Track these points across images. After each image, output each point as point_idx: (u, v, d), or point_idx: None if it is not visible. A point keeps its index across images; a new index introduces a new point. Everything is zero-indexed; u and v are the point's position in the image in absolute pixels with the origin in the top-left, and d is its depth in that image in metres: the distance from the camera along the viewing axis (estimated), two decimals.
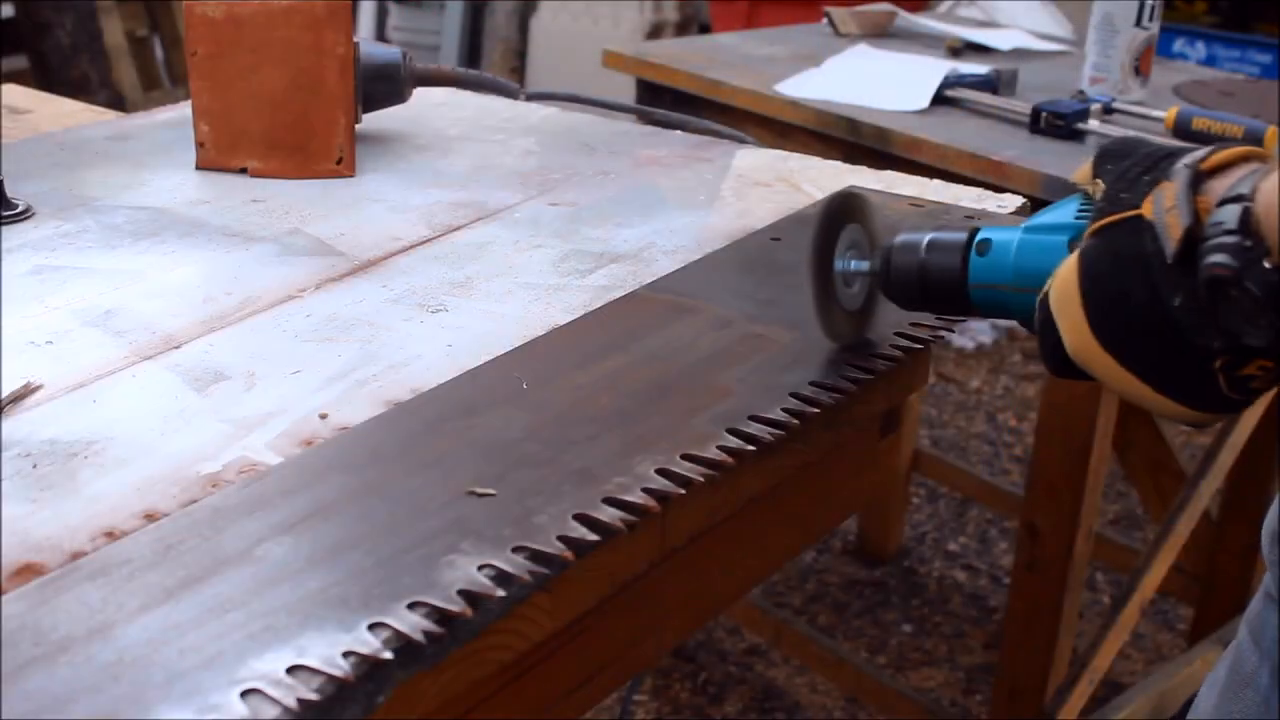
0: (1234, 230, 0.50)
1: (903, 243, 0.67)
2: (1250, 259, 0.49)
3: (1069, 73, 1.58)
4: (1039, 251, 0.62)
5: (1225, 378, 0.53)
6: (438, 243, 0.86)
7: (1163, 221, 0.53)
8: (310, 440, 0.60)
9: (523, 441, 0.59)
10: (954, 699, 1.88)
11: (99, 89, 3.43)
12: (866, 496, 0.85)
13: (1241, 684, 0.71)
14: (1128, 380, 0.56)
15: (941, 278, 0.66)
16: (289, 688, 0.43)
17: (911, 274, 0.66)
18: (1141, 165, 0.57)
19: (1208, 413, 0.56)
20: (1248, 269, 0.49)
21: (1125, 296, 0.54)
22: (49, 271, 0.79)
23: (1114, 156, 0.59)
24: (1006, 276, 0.63)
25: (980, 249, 0.64)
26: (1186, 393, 0.55)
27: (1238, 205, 0.50)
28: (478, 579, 0.49)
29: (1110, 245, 0.55)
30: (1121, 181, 0.57)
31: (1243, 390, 0.54)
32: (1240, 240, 0.49)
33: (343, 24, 0.97)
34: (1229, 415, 0.57)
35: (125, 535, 0.51)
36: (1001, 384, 2.88)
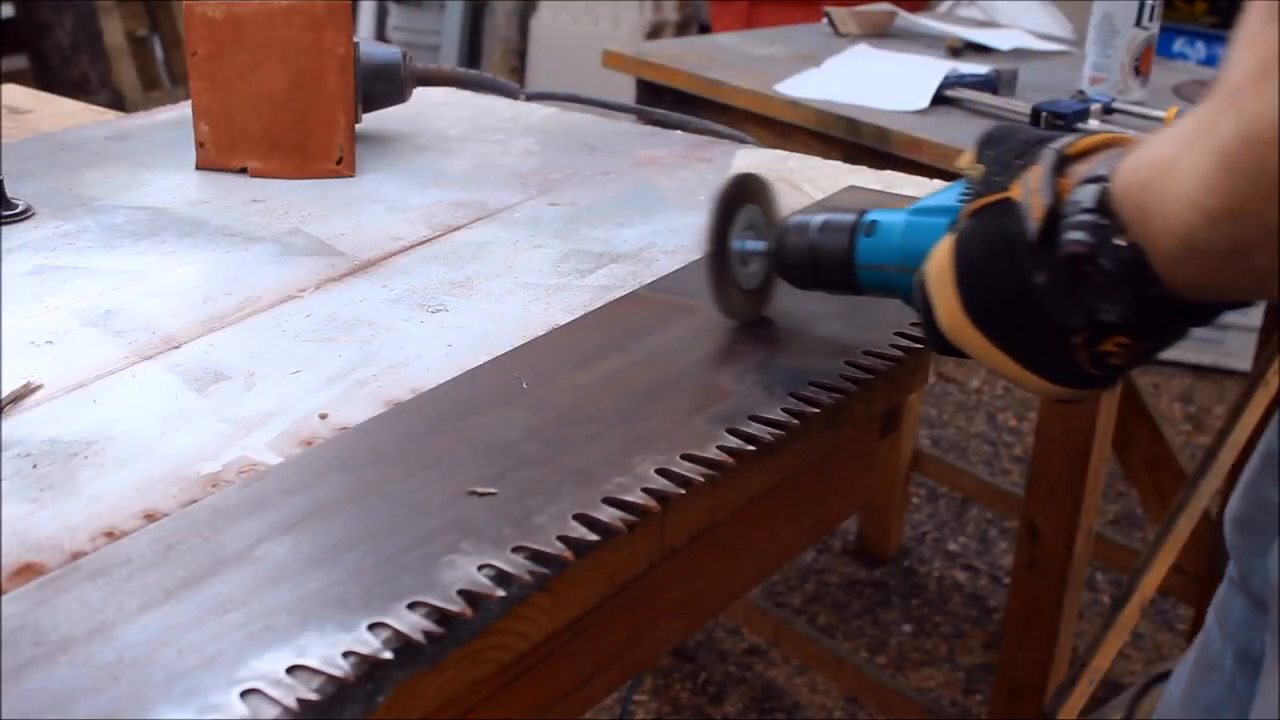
0: (1090, 209, 0.52)
1: (796, 224, 0.70)
2: (1105, 236, 0.51)
3: (1069, 73, 1.58)
4: (922, 233, 0.64)
5: (1086, 354, 0.56)
6: (438, 243, 0.86)
7: (1027, 203, 0.55)
8: (310, 440, 0.60)
9: (522, 441, 0.59)
10: (954, 699, 1.88)
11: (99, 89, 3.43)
12: (866, 496, 0.85)
13: (1208, 668, 0.72)
14: (998, 357, 0.58)
15: (831, 258, 0.68)
16: (289, 688, 0.43)
17: (803, 254, 0.69)
18: (1016, 150, 0.59)
19: (1072, 388, 0.58)
20: (1102, 246, 0.51)
21: (994, 275, 0.56)
22: (49, 271, 0.79)
23: (994, 142, 0.61)
24: (892, 257, 0.66)
25: (868, 230, 0.67)
26: (1051, 369, 0.57)
27: (1096, 185, 0.52)
28: (478, 579, 0.49)
29: (981, 226, 0.58)
30: (997, 166, 0.59)
31: (1103, 367, 0.56)
32: (1096, 219, 0.51)
33: (343, 24, 0.97)
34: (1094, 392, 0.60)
35: (125, 535, 0.51)
36: (1001, 384, 2.88)
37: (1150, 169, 0.49)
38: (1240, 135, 0.43)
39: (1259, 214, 0.43)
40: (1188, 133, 0.46)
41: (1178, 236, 0.47)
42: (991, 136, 0.62)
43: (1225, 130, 0.43)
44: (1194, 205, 0.45)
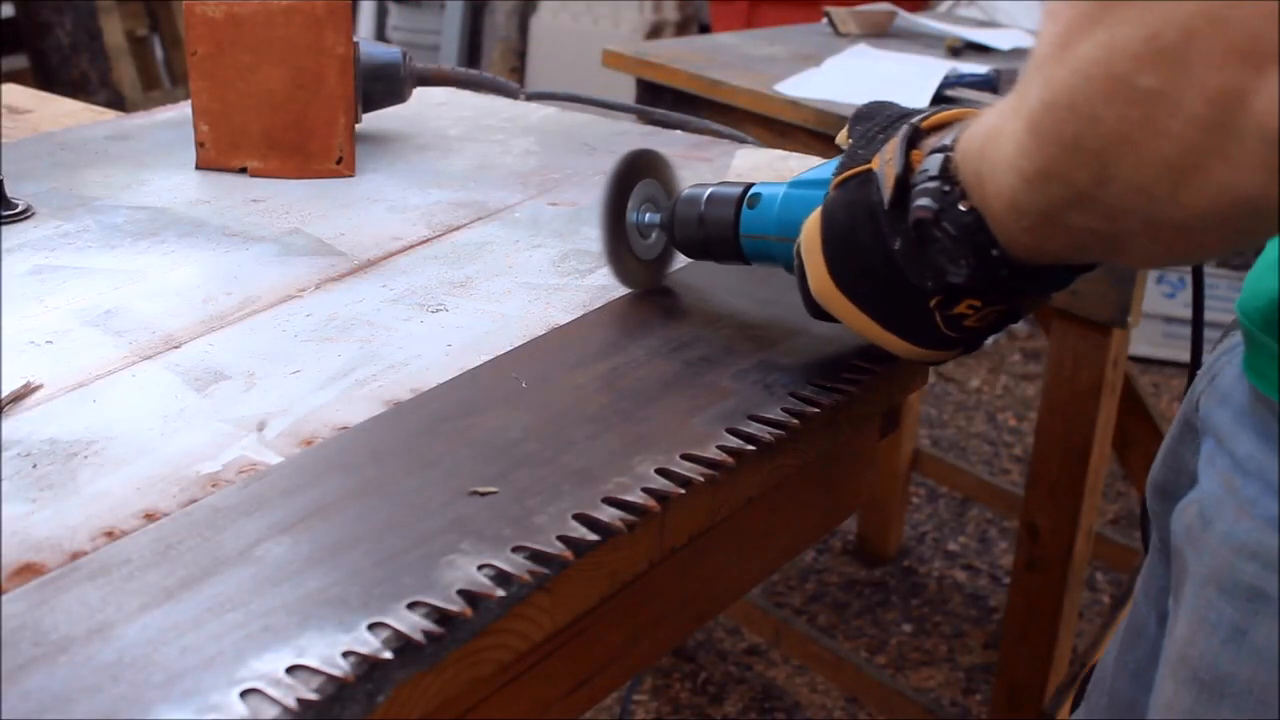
0: (935, 176, 0.55)
1: (687, 196, 0.73)
2: (948, 201, 0.54)
3: None
4: (799, 205, 0.67)
5: (941, 316, 0.59)
6: (438, 242, 0.86)
7: (882, 172, 0.58)
8: (310, 440, 0.60)
9: (522, 441, 0.59)
10: (954, 699, 1.88)
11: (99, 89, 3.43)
12: (866, 496, 0.85)
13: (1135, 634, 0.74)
14: (862, 320, 0.61)
15: (717, 228, 0.71)
16: (289, 688, 0.43)
17: (692, 225, 0.72)
18: (880, 125, 0.62)
19: (932, 350, 0.62)
20: (946, 211, 0.54)
21: (856, 242, 0.60)
22: (49, 271, 0.79)
23: (863, 119, 0.64)
24: (771, 228, 0.69)
25: (750, 203, 0.70)
26: (911, 331, 0.61)
27: (940, 155, 0.55)
28: (478, 579, 0.49)
29: (845, 196, 0.61)
30: (862, 140, 0.62)
31: (959, 329, 0.60)
32: (940, 185, 0.54)
33: (343, 24, 0.97)
34: (954, 353, 0.63)
35: (125, 535, 0.51)
36: (1001, 384, 2.88)
37: (983, 137, 0.52)
38: (1044, 101, 0.45)
39: (1064, 175, 0.45)
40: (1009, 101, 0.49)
41: (1003, 199, 0.50)
42: (861, 113, 0.65)
43: (1033, 97, 0.46)
44: (1013, 168, 0.48)
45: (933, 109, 0.60)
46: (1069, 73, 0.43)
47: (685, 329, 0.72)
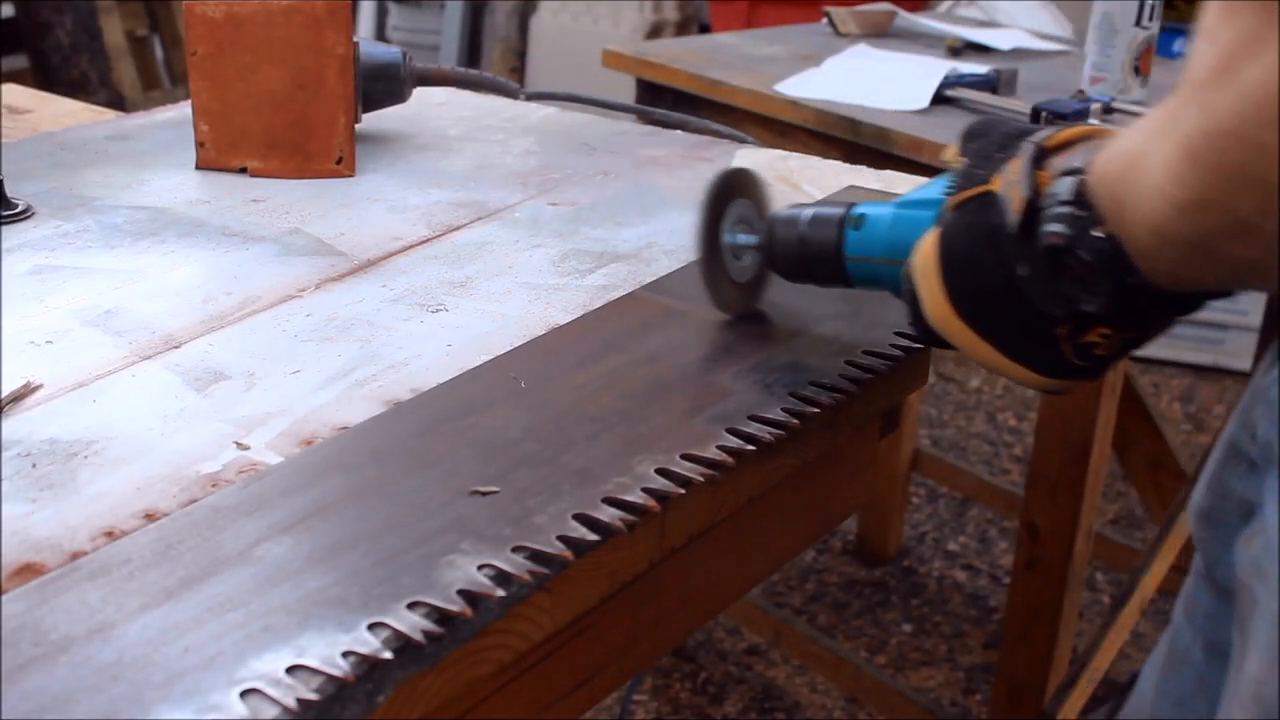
0: (1068, 201, 0.52)
1: (785, 217, 0.70)
2: (1083, 227, 0.52)
3: (1069, 73, 1.58)
4: (909, 226, 0.64)
5: (1070, 345, 0.56)
6: (437, 242, 0.86)
7: (1007, 195, 0.55)
8: (310, 440, 0.60)
9: (522, 441, 0.59)
10: (954, 699, 1.88)
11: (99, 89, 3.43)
12: (866, 496, 0.85)
13: (1177, 661, 0.72)
14: (983, 348, 0.58)
15: (819, 250, 0.68)
16: (288, 688, 0.43)
17: (792, 247, 0.69)
18: (998, 143, 0.60)
19: (1058, 380, 0.58)
20: (1080, 237, 0.52)
21: (978, 267, 0.57)
22: (49, 271, 0.79)
23: (976, 136, 0.62)
24: (879, 250, 0.66)
25: (855, 223, 0.67)
26: (1036, 360, 0.58)
27: (1073, 177, 0.53)
28: (478, 579, 0.49)
29: (964, 219, 0.58)
30: (978, 159, 0.59)
31: (1088, 357, 0.57)
32: (1074, 210, 0.52)
33: (343, 24, 0.97)
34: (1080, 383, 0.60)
35: (125, 535, 0.51)
36: (1001, 384, 2.88)
37: (1123, 160, 0.50)
38: (1203, 128, 0.43)
39: (1225, 205, 0.44)
40: (1157, 124, 0.47)
41: (1150, 227, 0.48)
42: (974, 130, 0.62)
43: (1189, 123, 0.44)
44: (1164, 196, 0.46)
45: (1055, 127, 0.58)
46: (1233, 98, 0.42)
47: (685, 329, 0.72)
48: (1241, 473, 0.64)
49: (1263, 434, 0.60)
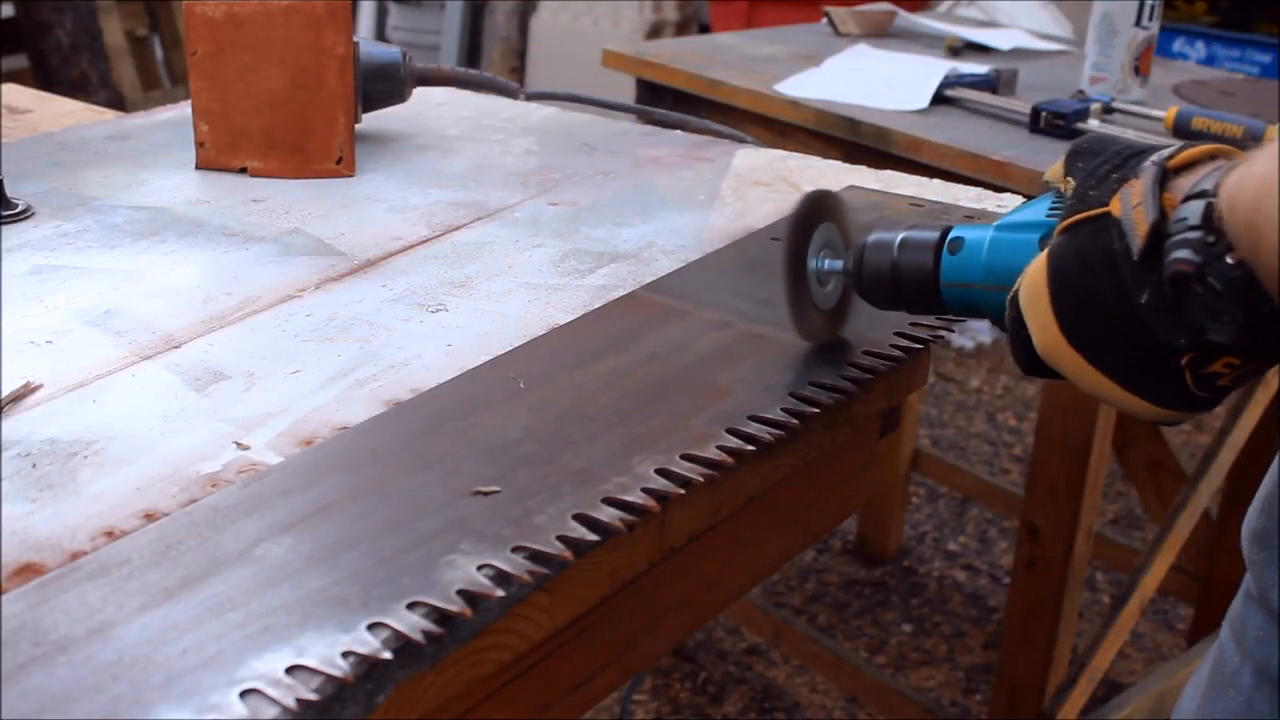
0: (1197, 226, 0.50)
1: (875, 241, 0.67)
2: (1213, 254, 0.49)
3: (1069, 73, 1.59)
4: (1010, 250, 0.62)
5: (1192, 375, 0.53)
6: (437, 242, 0.86)
7: (1129, 219, 0.53)
8: (310, 440, 0.60)
9: (522, 441, 0.59)
10: (954, 699, 1.88)
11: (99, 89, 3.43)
12: (866, 496, 0.85)
13: (1224, 684, 0.70)
14: (1097, 379, 0.55)
15: (914, 276, 0.65)
16: (288, 688, 0.43)
17: (884, 273, 0.66)
18: (1111, 163, 0.57)
19: (1177, 411, 0.56)
20: (1210, 264, 0.49)
21: (1093, 294, 0.54)
22: (49, 271, 0.79)
23: (1085, 154, 0.59)
24: (978, 275, 0.63)
25: (952, 248, 0.64)
26: (1155, 391, 0.55)
27: (1201, 201, 0.50)
28: (477, 579, 0.49)
29: (1078, 243, 0.55)
30: (1091, 179, 0.57)
31: (1210, 388, 0.54)
32: (1203, 236, 0.49)
33: (343, 24, 0.96)
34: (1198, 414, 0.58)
35: (125, 535, 0.51)
36: (1001, 384, 2.88)
37: (1259, 186, 0.47)
38: None
39: None
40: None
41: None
42: (1082, 149, 0.60)
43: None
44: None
45: (1176, 146, 0.55)
46: None
47: (685, 329, 0.72)
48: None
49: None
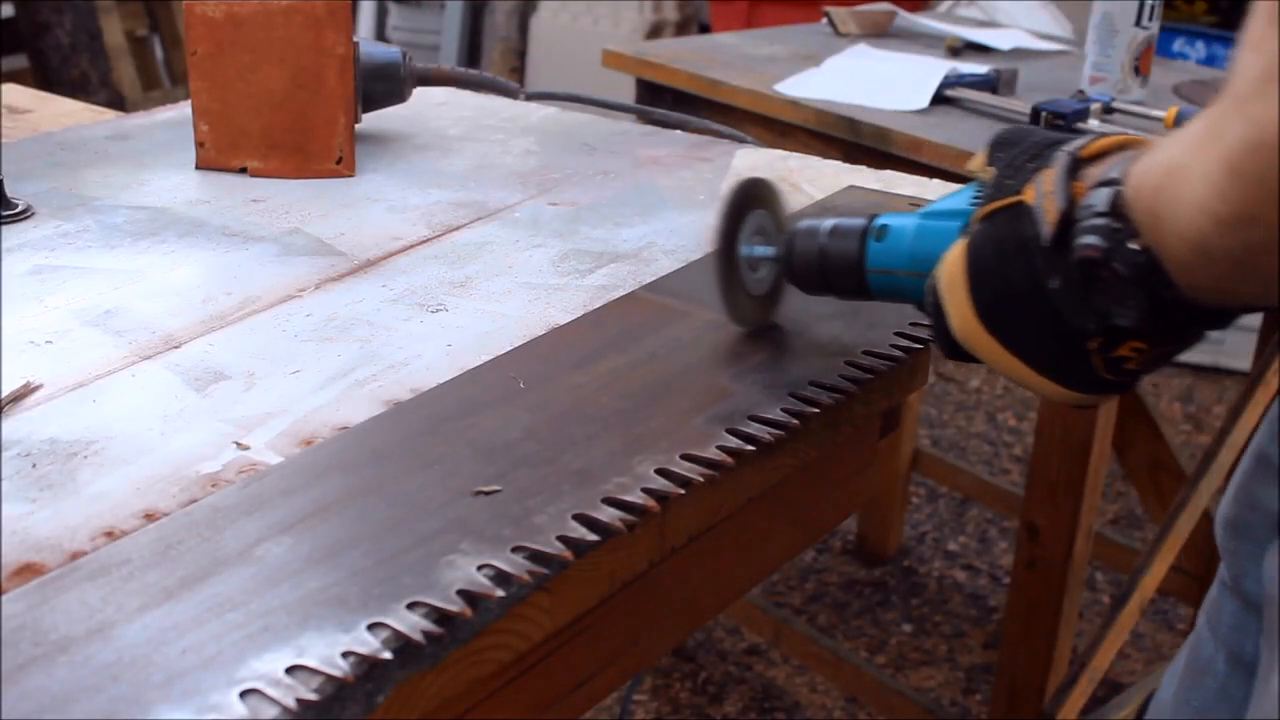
0: (1104, 213, 0.51)
1: (804, 228, 0.69)
2: (1118, 240, 0.50)
3: (1069, 73, 1.58)
4: (933, 237, 0.63)
5: (1101, 359, 0.55)
6: (437, 242, 0.86)
7: (1041, 206, 0.54)
8: (310, 440, 0.60)
9: (522, 441, 0.59)
10: (954, 699, 1.88)
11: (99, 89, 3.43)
12: (866, 496, 0.85)
13: (1199, 672, 0.71)
14: (1011, 363, 0.57)
15: (841, 263, 0.67)
16: (288, 688, 0.43)
17: (812, 259, 0.68)
18: (1028, 153, 0.58)
19: (1087, 394, 0.57)
20: (1116, 250, 0.50)
21: (1008, 281, 0.56)
22: (49, 271, 0.79)
23: (1006, 145, 0.60)
24: (902, 262, 0.65)
25: (878, 235, 0.66)
26: (1065, 374, 0.56)
27: (1109, 189, 0.51)
28: (477, 579, 0.49)
29: (994, 231, 0.57)
30: (1009, 169, 0.58)
31: (1119, 372, 0.55)
32: (1109, 222, 0.51)
33: (343, 24, 0.97)
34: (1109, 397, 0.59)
35: (125, 535, 0.51)
36: (1001, 384, 2.88)
37: (1162, 173, 0.49)
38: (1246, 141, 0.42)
39: (1267, 220, 0.42)
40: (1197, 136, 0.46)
41: (1189, 241, 0.46)
42: (1003, 139, 0.61)
43: (1232, 135, 0.43)
44: (1204, 210, 0.45)
45: (1089, 136, 0.56)
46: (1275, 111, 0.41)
47: (685, 330, 0.72)
48: (1270, 483, 0.63)
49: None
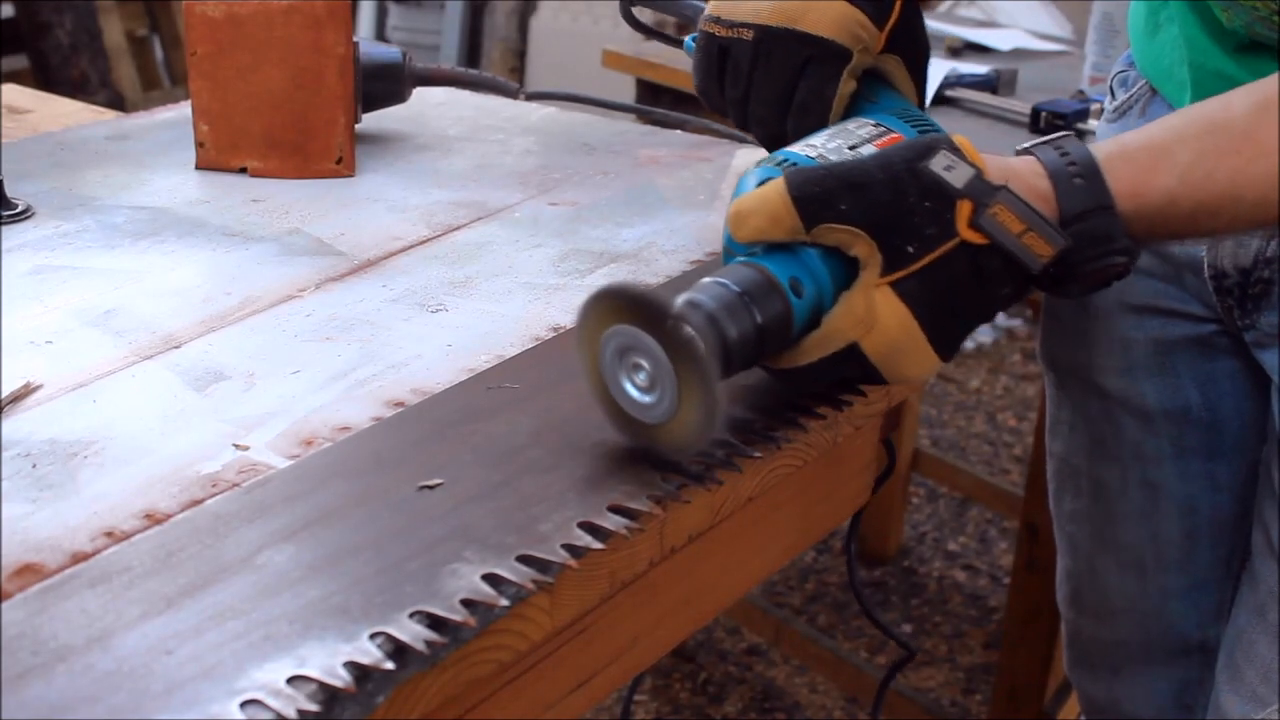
0: (1120, 241, 0.60)
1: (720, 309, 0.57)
2: (1133, 251, 0.62)
3: (1069, 73, 1.58)
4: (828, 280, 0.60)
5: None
6: (437, 242, 0.86)
7: (1018, 244, 0.58)
8: (310, 440, 0.59)
9: (527, 448, 0.59)
10: (954, 699, 1.88)
11: (99, 89, 3.43)
12: (866, 496, 0.85)
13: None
14: (935, 366, 0.60)
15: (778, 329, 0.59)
16: (288, 698, 0.43)
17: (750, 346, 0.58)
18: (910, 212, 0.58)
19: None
20: (1134, 255, 0.62)
21: (960, 311, 0.59)
22: (49, 271, 0.79)
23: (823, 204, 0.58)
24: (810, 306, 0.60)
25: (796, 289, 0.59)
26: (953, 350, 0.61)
27: (1109, 218, 0.59)
28: (480, 588, 0.49)
29: (944, 277, 0.58)
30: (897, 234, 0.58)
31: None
32: (1128, 244, 0.61)
33: (343, 24, 0.96)
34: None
35: (125, 535, 0.51)
36: (1001, 384, 2.88)
37: (1181, 174, 0.60)
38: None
39: None
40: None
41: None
42: (818, 198, 0.58)
43: None
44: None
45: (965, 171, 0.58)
46: None
47: None
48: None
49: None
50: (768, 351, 0.59)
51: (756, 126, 0.75)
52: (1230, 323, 0.82)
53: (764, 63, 0.72)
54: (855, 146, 0.66)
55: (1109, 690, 0.99)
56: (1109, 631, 0.98)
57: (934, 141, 0.59)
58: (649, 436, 0.57)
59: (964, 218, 0.57)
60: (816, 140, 0.67)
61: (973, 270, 0.58)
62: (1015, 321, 3.12)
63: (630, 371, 0.56)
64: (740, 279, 0.58)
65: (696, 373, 0.54)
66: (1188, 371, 0.87)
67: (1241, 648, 0.83)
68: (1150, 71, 0.83)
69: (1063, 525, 1.00)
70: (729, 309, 0.57)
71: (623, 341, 0.56)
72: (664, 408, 0.56)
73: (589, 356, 0.58)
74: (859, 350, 0.59)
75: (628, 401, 0.57)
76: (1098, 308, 0.89)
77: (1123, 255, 0.60)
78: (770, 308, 0.58)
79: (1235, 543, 0.90)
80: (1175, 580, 0.92)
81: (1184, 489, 0.90)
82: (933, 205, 0.58)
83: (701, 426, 0.55)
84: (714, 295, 0.57)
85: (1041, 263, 0.58)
